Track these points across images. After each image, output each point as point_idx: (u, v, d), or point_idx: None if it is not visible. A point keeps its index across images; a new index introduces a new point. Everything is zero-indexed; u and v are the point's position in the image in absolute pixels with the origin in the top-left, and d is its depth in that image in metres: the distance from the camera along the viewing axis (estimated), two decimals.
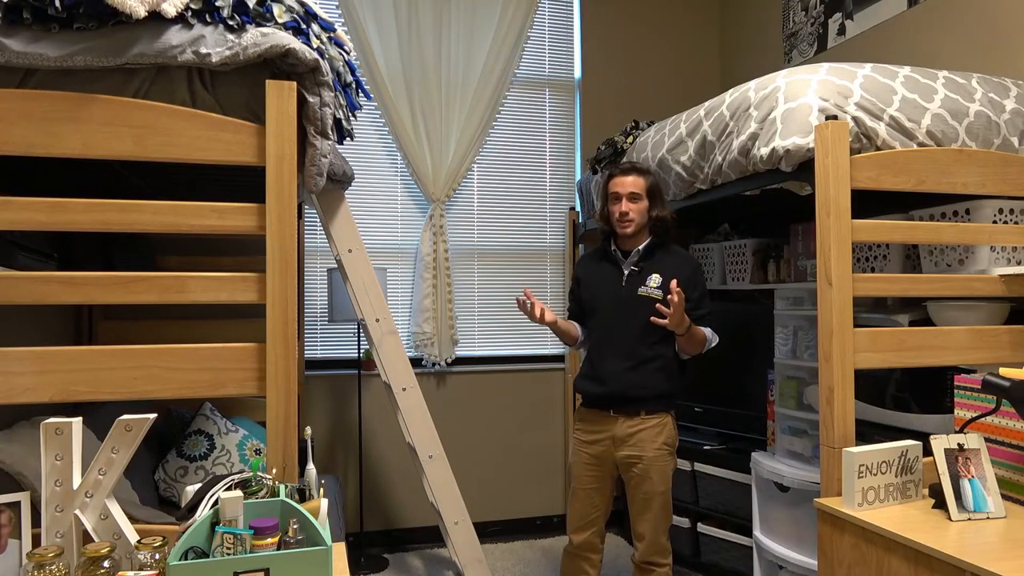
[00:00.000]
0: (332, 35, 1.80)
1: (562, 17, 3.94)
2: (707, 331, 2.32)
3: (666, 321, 2.13)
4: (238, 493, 1.28)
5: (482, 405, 3.73)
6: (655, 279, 2.30)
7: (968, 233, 1.94)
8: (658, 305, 2.16)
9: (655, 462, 2.25)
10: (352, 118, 1.98)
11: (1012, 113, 2.11)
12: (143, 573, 1.21)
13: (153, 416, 1.44)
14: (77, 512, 1.39)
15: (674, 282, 2.12)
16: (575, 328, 2.45)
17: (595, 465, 2.33)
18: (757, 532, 2.69)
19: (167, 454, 2.61)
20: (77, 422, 1.42)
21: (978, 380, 1.80)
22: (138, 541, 1.28)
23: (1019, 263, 2.07)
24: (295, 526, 1.28)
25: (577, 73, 3.96)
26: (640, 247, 2.33)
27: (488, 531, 3.68)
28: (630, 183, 2.30)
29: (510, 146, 3.84)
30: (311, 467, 1.52)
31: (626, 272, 2.34)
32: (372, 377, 3.56)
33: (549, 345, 3.88)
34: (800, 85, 2.00)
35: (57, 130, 1.51)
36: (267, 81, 1.59)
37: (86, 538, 1.40)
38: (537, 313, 2.24)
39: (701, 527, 3.14)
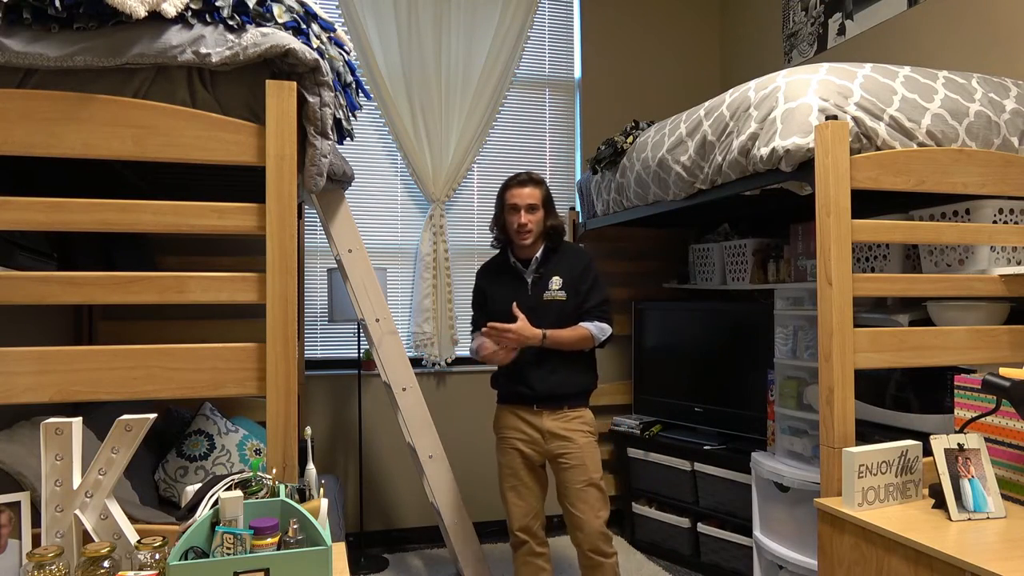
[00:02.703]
0: (332, 35, 1.80)
1: (562, 17, 3.94)
2: (591, 327, 2.41)
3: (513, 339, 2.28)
4: (238, 493, 1.28)
5: (482, 405, 3.73)
6: (556, 282, 2.43)
7: (968, 233, 1.94)
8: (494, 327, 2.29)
9: (583, 449, 2.38)
10: (352, 118, 1.98)
11: (1012, 113, 2.11)
12: (143, 573, 1.21)
13: (153, 416, 1.45)
14: (77, 512, 1.39)
15: (511, 323, 2.29)
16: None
17: (527, 461, 2.43)
18: (757, 532, 2.69)
19: (167, 454, 2.61)
20: (77, 422, 1.42)
21: (978, 380, 1.80)
22: (138, 541, 1.28)
23: (1019, 263, 2.07)
24: (295, 526, 1.28)
25: (577, 73, 3.96)
26: (537, 255, 2.44)
27: (488, 531, 3.68)
28: (527, 195, 2.40)
29: (510, 146, 3.84)
30: (311, 467, 1.52)
31: (529, 280, 2.45)
32: (372, 377, 3.56)
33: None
34: (800, 85, 2.00)
35: (57, 130, 1.51)
36: (267, 81, 1.59)
37: (86, 538, 1.40)
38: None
39: (701, 527, 3.14)
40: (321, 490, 1.50)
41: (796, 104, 1.98)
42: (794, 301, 2.61)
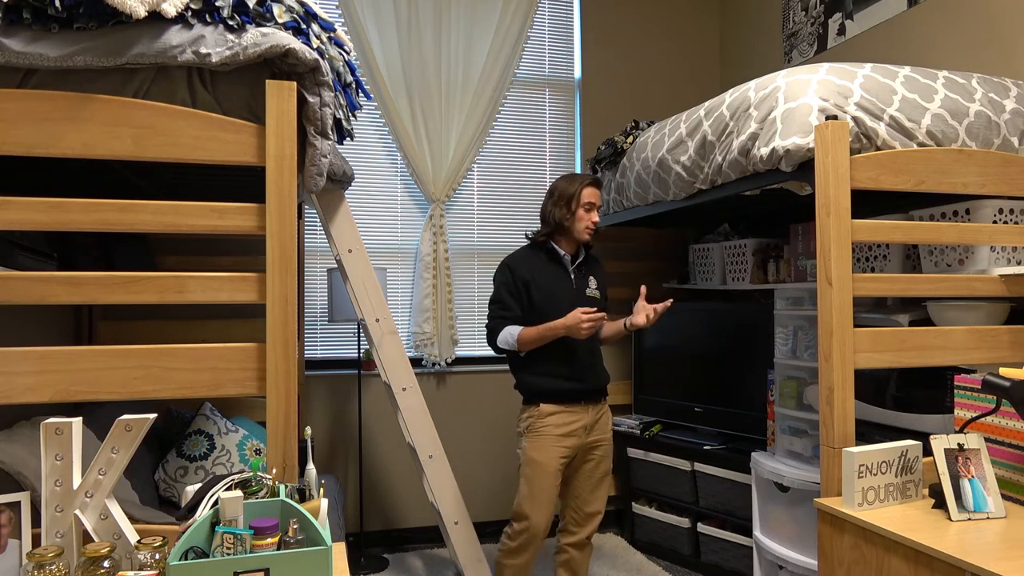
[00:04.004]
0: (332, 35, 1.80)
1: (562, 17, 3.94)
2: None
3: (644, 322, 2.37)
4: (238, 493, 1.28)
5: (482, 405, 3.73)
6: (593, 281, 2.56)
7: (968, 233, 1.94)
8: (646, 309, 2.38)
9: (611, 442, 2.54)
10: (352, 118, 1.98)
11: (1012, 113, 2.11)
12: (143, 573, 1.21)
13: (153, 416, 1.44)
14: (77, 512, 1.39)
15: (654, 307, 2.38)
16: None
17: (567, 457, 2.43)
18: (757, 532, 2.69)
19: (167, 454, 2.61)
20: (77, 422, 1.42)
21: (978, 380, 1.80)
22: (138, 541, 1.28)
23: (1019, 263, 2.07)
24: (295, 526, 1.28)
25: (577, 73, 3.96)
26: (581, 253, 2.55)
27: (488, 531, 3.68)
28: (598, 195, 2.48)
29: (510, 146, 3.84)
30: (311, 467, 1.52)
31: (572, 275, 2.51)
32: (372, 377, 3.56)
33: None
34: (800, 85, 2.00)
35: (57, 130, 1.51)
36: (267, 81, 1.59)
37: (86, 538, 1.40)
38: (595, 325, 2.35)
39: (701, 527, 3.15)
40: (321, 490, 1.50)
41: (796, 104, 1.98)
42: (794, 301, 2.61)
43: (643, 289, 2.43)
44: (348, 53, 1.88)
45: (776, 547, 2.56)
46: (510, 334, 2.40)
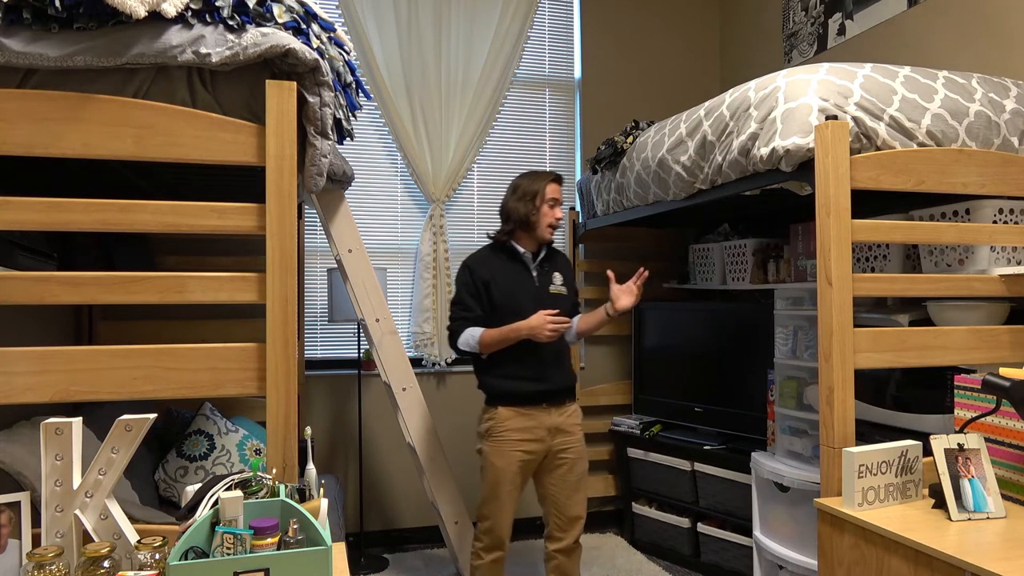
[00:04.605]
0: (332, 35, 1.80)
1: (562, 17, 3.94)
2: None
3: (630, 303, 2.38)
4: (238, 493, 1.28)
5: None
6: (558, 278, 2.54)
7: (968, 233, 1.94)
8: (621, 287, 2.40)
9: (582, 443, 2.49)
10: (352, 118, 1.98)
11: (1012, 113, 2.11)
12: (143, 573, 1.21)
13: (153, 416, 1.45)
14: (77, 512, 1.39)
15: (632, 276, 2.43)
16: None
17: (530, 461, 2.41)
18: (757, 532, 2.69)
19: (167, 454, 2.61)
20: (77, 422, 1.42)
21: (978, 380, 1.80)
22: (138, 541, 1.28)
23: (1019, 263, 2.07)
24: (295, 526, 1.28)
25: (577, 73, 3.96)
26: (543, 249, 2.53)
27: None
28: (560, 192, 2.49)
29: (510, 146, 3.84)
30: (311, 467, 1.52)
31: (535, 273, 2.49)
32: (372, 377, 3.56)
33: None
34: (800, 85, 2.00)
35: (57, 130, 1.51)
36: (267, 81, 1.59)
37: (86, 538, 1.40)
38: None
39: (701, 527, 3.15)
40: (321, 490, 1.50)
41: (796, 104, 1.98)
42: (794, 301, 2.61)
43: (611, 274, 2.42)
44: (348, 53, 1.88)
45: (776, 547, 2.56)
46: (471, 336, 2.39)
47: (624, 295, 2.38)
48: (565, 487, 2.44)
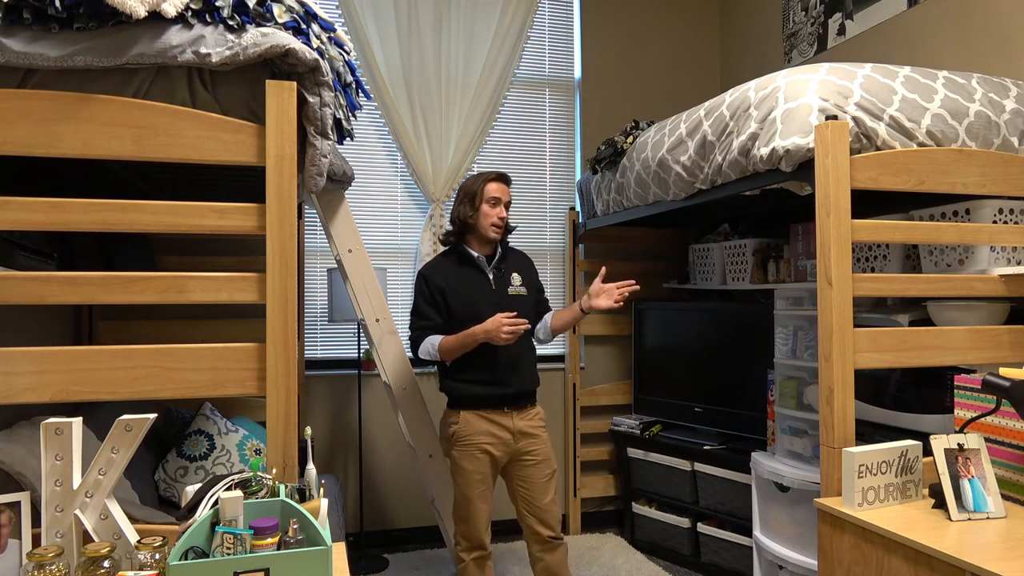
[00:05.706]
0: (332, 35, 1.80)
1: (562, 17, 3.94)
2: (550, 317, 2.59)
3: (607, 305, 2.35)
4: (238, 493, 1.28)
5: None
6: (517, 278, 2.50)
7: (968, 233, 1.94)
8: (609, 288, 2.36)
9: (547, 444, 2.48)
10: (352, 118, 1.98)
11: (1012, 113, 2.11)
12: (143, 573, 1.21)
13: (153, 416, 1.45)
14: (77, 512, 1.39)
15: (624, 285, 2.36)
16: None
17: (495, 462, 2.40)
18: (757, 532, 2.69)
19: (167, 454, 2.61)
20: (77, 422, 1.42)
21: (978, 380, 1.80)
22: (138, 541, 1.28)
23: (1019, 263, 2.07)
24: (295, 526, 1.28)
25: (577, 73, 3.96)
26: (497, 251, 2.50)
27: None
28: (505, 191, 2.44)
29: (510, 146, 3.84)
30: (311, 467, 1.52)
31: (491, 275, 2.45)
32: (372, 377, 3.56)
33: (549, 345, 3.88)
34: (800, 85, 2.00)
35: (57, 130, 1.51)
36: (267, 81, 1.59)
37: (86, 538, 1.40)
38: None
39: (701, 527, 3.15)
40: (321, 490, 1.51)
41: (796, 104, 1.98)
42: (794, 301, 2.61)
43: (603, 270, 2.41)
44: (348, 53, 1.88)
45: (776, 547, 2.56)
46: (431, 344, 2.38)
47: (604, 296, 2.35)
48: (535, 486, 2.42)
